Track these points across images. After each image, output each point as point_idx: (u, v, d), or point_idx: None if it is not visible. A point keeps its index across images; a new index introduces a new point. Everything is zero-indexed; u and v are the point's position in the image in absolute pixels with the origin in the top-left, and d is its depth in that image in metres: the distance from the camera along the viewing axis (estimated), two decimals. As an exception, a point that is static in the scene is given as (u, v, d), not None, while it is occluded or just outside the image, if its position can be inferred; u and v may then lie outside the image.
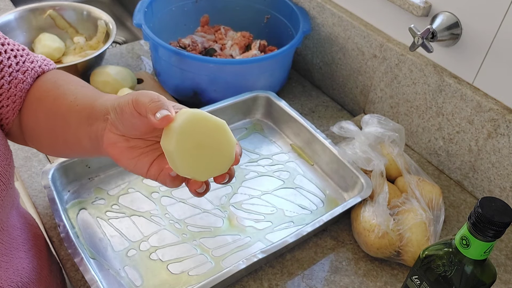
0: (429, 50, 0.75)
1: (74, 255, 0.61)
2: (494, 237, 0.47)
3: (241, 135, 0.91)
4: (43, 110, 0.56)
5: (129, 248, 0.69)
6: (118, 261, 0.67)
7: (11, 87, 0.56)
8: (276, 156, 0.87)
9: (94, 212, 0.73)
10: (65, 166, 0.74)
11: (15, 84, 0.56)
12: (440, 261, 0.52)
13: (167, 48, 0.89)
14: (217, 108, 0.87)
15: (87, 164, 0.77)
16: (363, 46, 0.93)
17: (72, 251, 0.61)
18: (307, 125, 0.86)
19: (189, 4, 1.09)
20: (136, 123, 0.45)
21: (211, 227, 0.73)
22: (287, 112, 0.89)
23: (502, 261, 0.74)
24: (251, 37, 1.04)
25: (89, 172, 0.78)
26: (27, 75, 0.57)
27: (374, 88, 0.95)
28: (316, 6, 1.00)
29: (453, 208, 0.81)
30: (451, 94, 0.80)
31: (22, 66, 0.57)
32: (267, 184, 0.81)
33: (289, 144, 0.90)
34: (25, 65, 0.57)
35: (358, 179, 0.77)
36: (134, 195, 0.76)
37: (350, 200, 0.73)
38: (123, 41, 1.48)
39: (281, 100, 0.91)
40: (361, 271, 0.70)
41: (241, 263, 0.63)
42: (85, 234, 0.70)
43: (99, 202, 0.75)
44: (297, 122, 0.87)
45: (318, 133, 0.84)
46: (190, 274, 0.66)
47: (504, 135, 0.75)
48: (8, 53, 0.56)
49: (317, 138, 0.84)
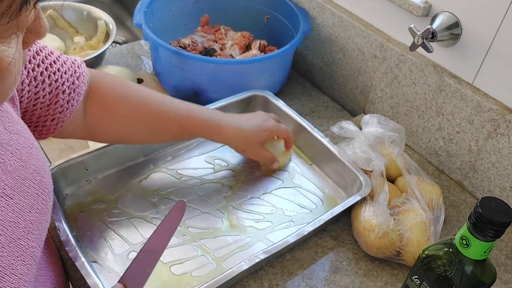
0: (429, 50, 0.75)
1: (75, 259, 0.60)
2: (494, 237, 0.47)
3: None
4: (124, 115, 0.69)
5: (129, 250, 0.68)
6: (119, 264, 0.66)
7: (70, 92, 0.61)
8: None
9: (93, 215, 0.73)
10: (63, 169, 0.73)
11: (73, 89, 0.61)
12: (440, 261, 0.52)
13: (167, 48, 0.89)
14: (214, 108, 0.87)
15: (85, 166, 0.76)
16: (363, 46, 0.93)
17: (73, 255, 0.61)
18: (304, 124, 0.86)
19: (189, 4, 1.09)
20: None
21: (211, 228, 0.73)
22: (284, 111, 0.89)
23: (502, 261, 0.74)
24: (251, 37, 1.04)
25: (87, 175, 0.77)
26: (80, 80, 0.63)
27: (374, 88, 0.95)
28: (316, 6, 1.00)
29: (453, 208, 0.81)
30: (451, 94, 0.80)
31: (75, 72, 0.62)
32: (266, 184, 0.81)
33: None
34: (78, 70, 0.63)
35: (357, 178, 0.77)
36: (133, 197, 0.76)
37: (350, 199, 0.73)
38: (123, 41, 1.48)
39: (278, 99, 0.90)
40: (361, 271, 0.70)
41: (244, 264, 0.63)
42: (85, 237, 0.69)
43: (98, 205, 0.74)
44: (295, 121, 0.87)
45: (316, 132, 0.84)
46: (192, 275, 0.66)
47: (504, 135, 0.75)
48: (60, 60, 0.60)
49: (315, 137, 0.84)
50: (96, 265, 0.66)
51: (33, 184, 0.47)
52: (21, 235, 0.43)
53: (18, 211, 0.44)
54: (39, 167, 0.49)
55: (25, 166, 0.46)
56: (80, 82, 0.63)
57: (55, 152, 0.84)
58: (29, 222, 0.45)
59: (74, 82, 0.62)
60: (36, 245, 0.46)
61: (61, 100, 0.60)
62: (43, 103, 0.59)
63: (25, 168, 0.46)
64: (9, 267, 0.41)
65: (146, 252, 0.52)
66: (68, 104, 0.61)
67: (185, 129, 0.72)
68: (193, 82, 0.93)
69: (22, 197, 0.45)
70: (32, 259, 0.45)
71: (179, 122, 0.71)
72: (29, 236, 0.45)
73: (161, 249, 0.53)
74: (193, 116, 0.72)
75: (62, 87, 0.60)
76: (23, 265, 0.43)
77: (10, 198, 0.43)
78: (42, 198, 0.48)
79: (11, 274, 0.41)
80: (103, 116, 0.68)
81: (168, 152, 0.84)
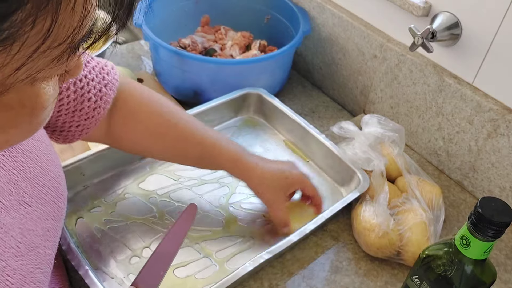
0: (429, 50, 0.75)
1: (78, 268, 0.59)
2: (494, 237, 0.47)
3: (233, 133, 0.91)
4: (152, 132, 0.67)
5: (131, 255, 0.67)
6: (121, 270, 0.66)
7: (97, 99, 0.59)
8: (270, 153, 0.87)
9: (92, 221, 0.71)
10: None
11: (100, 96, 0.60)
12: (440, 261, 0.52)
13: (167, 48, 0.89)
14: (208, 107, 0.87)
15: (82, 171, 0.75)
16: (363, 46, 0.93)
17: (76, 263, 0.60)
18: (300, 121, 0.85)
19: (189, 5, 1.09)
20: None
21: (211, 229, 0.73)
22: (279, 109, 0.88)
23: (502, 261, 0.74)
24: (251, 37, 1.04)
25: (84, 180, 0.76)
26: (108, 88, 0.61)
27: (374, 88, 0.95)
28: (316, 6, 1.00)
29: (453, 208, 0.81)
30: (451, 94, 0.80)
31: (103, 79, 0.60)
32: None
33: (282, 140, 0.89)
34: (107, 77, 0.60)
35: (354, 174, 0.77)
36: (131, 201, 0.75)
37: (349, 195, 0.73)
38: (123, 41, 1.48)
39: (272, 97, 0.90)
40: (361, 271, 0.70)
41: (248, 265, 0.63)
42: (85, 243, 0.68)
43: (96, 210, 0.73)
44: (290, 118, 0.87)
45: (311, 128, 0.84)
46: (196, 278, 0.66)
47: (504, 135, 0.75)
48: (88, 66, 0.58)
49: (311, 133, 0.83)
50: (99, 272, 0.65)
51: (51, 191, 0.46)
52: (39, 243, 0.43)
53: (36, 219, 0.43)
54: (56, 174, 0.48)
55: (44, 173, 0.46)
56: (108, 90, 0.61)
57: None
58: (46, 230, 0.45)
59: (102, 89, 0.60)
60: (52, 252, 0.46)
61: (86, 108, 0.58)
62: (68, 110, 0.57)
63: (44, 175, 0.46)
64: (29, 275, 0.41)
65: (159, 255, 0.51)
66: (94, 111, 0.60)
67: (207, 155, 0.68)
68: (193, 82, 0.93)
69: (40, 204, 0.44)
70: (48, 266, 0.45)
71: (202, 146, 0.68)
72: (46, 243, 0.44)
73: (174, 251, 0.53)
74: (218, 144, 0.68)
75: (88, 94, 0.58)
76: (41, 273, 0.43)
77: (29, 205, 0.43)
78: (58, 206, 0.48)
79: (30, 283, 0.40)
80: (127, 129, 0.66)
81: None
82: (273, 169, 0.70)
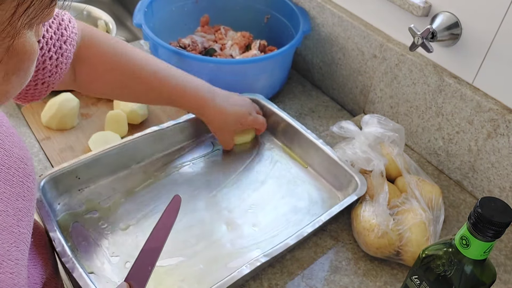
0: (429, 50, 0.75)
1: (72, 270, 0.59)
2: (494, 237, 0.47)
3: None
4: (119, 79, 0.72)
5: (126, 260, 0.67)
6: (116, 274, 0.65)
7: (58, 56, 0.61)
8: (268, 159, 0.86)
9: (87, 225, 0.71)
10: (55, 178, 0.71)
11: (60, 53, 0.61)
12: (440, 261, 0.52)
13: (167, 48, 0.89)
14: None
15: (77, 175, 0.74)
16: (363, 46, 0.93)
17: (70, 266, 0.60)
18: (298, 127, 0.85)
19: (189, 4, 1.09)
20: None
21: (208, 233, 0.72)
22: (277, 114, 0.88)
23: (502, 261, 0.74)
24: (251, 37, 1.04)
25: (79, 183, 0.75)
26: (68, 44, 0.62)
27: (374, 88, 0.95)
28: (316, 6, 1.00)
29: (453, 208, 0.81)
30: (451, 94, 0.80)
31: (62, 35, 0.61)
32: (261, 187, 0.80)
33: (280, 145, 0.89)
34: (65, 33, 0.62)
35: (352, 178, 0.77)
36: (127, 206, 0.74)
37: (347, 199, 0.73)
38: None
39: (270, 103, 0.90)
40: (360, 271, 0.70)
41: (245, 268, 0.62)
42: (80, 247, 0.68)
43: (91, 214, 0.72)
44: (288, 123, 0.86)
45: (309, 133, 0.84)
46: (193, 281, 0.66)
47: (503, 135, 0.75)
48: (44, 26, 0.59)
49: (309, 139, 0.83)
50: (94, 276, 0.64)
51: (18, 172, 0.47)
52: (12, 223, 0.44)
53: (6, 200, 0.45)
54: (21, 155, 0.49)
55: (9, 155, 0.47)
56: (68, 45, 0.62)
57: (55, 152, 0.84)
58: (18, 210, 0.46)
59: (62, 46, 0.61)
60: (27, 231, 0.47)
61: (49, 66, 0.60)
62: None
63: (9, 157, 0.47)
64: (6, 254, 0.42)
65: (146, 251, 0.53)
66: (57, 68, 0.61)
67: (175, 103, 0.78)
68: (193, 82, 0.93)
69: (9, 186, 0.45)
70: (24, 244, 0.46)
71: (170, 95, 0.76)
72: (19, 223, 0.46)
73: (160, 246, 0.54)
74: (184, 91, 0.77)
75: (49, 53, 0.59)
76: (18, 251, 0.44)
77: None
78: (27, 186, 0.49)
79: (8, 261, 0.42)
80: (92, 80, 0.70)
81: (159, 159, 0.83)
82: (233, 116, 0.82)
